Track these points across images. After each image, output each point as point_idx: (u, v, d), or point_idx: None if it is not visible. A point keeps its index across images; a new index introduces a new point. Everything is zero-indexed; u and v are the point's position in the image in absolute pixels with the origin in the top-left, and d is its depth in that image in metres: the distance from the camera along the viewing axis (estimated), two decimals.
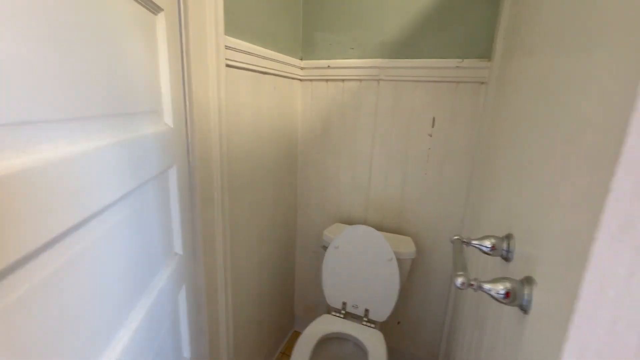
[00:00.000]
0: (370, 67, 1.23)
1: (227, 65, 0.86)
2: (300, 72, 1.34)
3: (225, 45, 0.83)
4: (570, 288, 0.28)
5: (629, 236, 0.24)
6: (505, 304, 0.44)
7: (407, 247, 1.22)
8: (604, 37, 0.29)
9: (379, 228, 1.37)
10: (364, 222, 1.40)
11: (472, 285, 0.45)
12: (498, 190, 0.73)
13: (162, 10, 0.59)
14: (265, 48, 1.05)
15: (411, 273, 1.37)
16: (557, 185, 0.35)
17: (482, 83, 1.10)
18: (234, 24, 0.88)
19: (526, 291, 0.40)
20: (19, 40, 0.30)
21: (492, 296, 0.44)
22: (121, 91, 0.48)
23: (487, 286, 0.43)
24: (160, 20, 0.60)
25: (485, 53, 1.08)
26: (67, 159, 0.35)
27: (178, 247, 0.75)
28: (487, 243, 0.57)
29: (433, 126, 1.20)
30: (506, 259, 0.54)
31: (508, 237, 0.55)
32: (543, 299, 0.35)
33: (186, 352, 0.83)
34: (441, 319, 1.38)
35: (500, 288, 0.43)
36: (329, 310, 1.30)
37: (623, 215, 0.24)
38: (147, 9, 0.55)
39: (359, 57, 1.25)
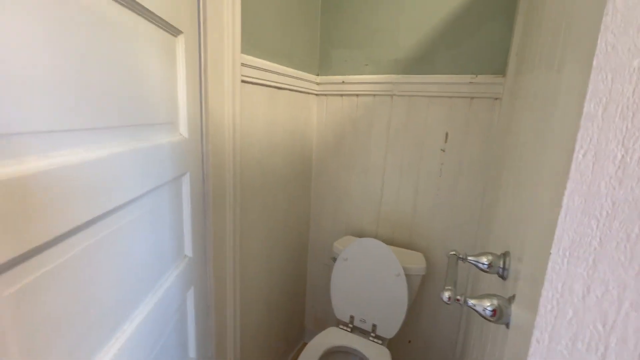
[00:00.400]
0: (384, 83, 1.25)
1: (243, 81, 0.92)
2: (316, 88, 1.39)
3: (242, 63, 0.89)
4: (533, 304, 0.28)
5: (582, 251, 0.24)
6: (492, 321, 0.43)
7: (418, 262, 1.20)
8: (569, 57, 0.30)
9: (390, 242, 1.36)
10: (375, 236, 1.39)
11: (458, 300, 0.45)
12: (503, 207, 0.71)
13: (181, 32, 0.66)
14: (281, 65, 1.11)
15: (422, 290, 1.34)
16: (532, 202, 0.35)
17: (497, 99, 1.09)
18: (251, 43, 0.95)
19: (511, 309, 0.40)
20: (53, 62, 0.36)
21: (479, 313, 0.43)
22: (138, 105, 0.54)
23: (471, 302, 0.43)
24: (180, 42, 0.67)
25: (500, 69, 1.07)
26: (85, 162, 0.41)
27: (188, 249, 0.79)
28: (484, 260, 0.56)
29: (446, 141, 1.20)
30: (502, 277, 0.53)
31: (505, 254, 0.54)
32: (517, 315, 0.35)
33: (192, 352, 0.87)
34: (453, 338, 1.33)
35: (487, 305, 0.42)
36: (337, 323, 1.29)
37: (573, 230, 0.24)
38: (168, 32, 0.62)
39: (373, 73, 1.28)
